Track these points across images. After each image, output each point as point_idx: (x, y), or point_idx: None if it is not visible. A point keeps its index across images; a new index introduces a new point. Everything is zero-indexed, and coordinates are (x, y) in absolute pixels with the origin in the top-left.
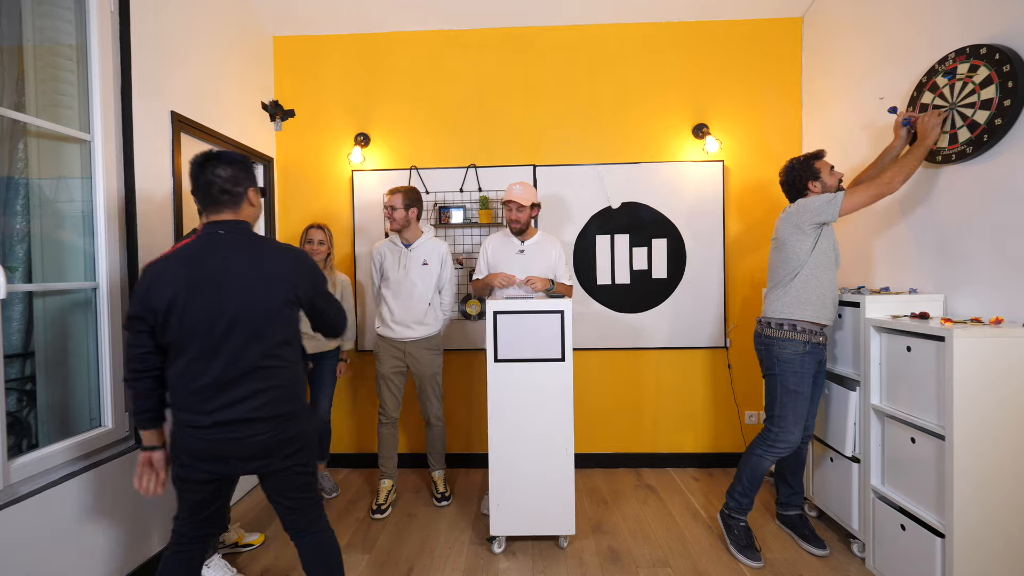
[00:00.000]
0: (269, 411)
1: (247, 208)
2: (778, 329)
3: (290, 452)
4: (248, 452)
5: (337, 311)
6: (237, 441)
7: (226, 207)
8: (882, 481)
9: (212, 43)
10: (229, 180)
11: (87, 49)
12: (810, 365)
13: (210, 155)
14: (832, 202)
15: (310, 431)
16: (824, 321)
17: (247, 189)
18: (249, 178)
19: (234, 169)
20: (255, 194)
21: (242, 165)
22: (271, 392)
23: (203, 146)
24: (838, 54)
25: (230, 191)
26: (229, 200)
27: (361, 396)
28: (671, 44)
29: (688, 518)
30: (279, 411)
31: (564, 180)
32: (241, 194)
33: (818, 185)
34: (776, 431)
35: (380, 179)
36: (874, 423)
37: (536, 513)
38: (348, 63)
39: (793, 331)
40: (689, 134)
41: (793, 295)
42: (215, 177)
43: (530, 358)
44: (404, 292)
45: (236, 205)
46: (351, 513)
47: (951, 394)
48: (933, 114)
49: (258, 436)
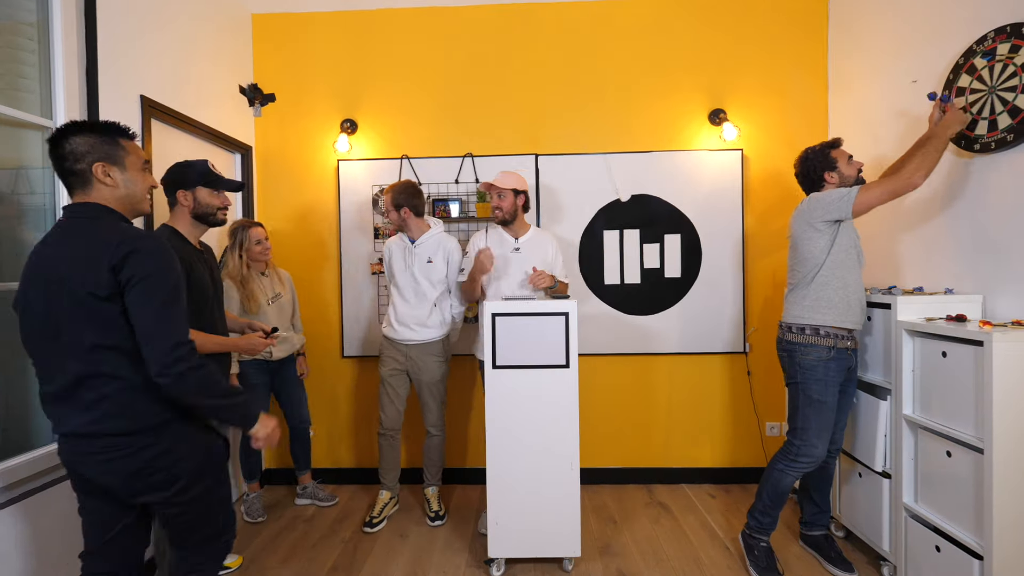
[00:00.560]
0: (110, 427)
1: (100, 188)
2: (800, 334)
3: (157, 485)
4: (99, 472)
5: (161, 319)
6: (89, 456)
7: (75, 189)
8: (915, 498)
9: (185, 20)
10: (69, 157)
11: (49, 27)
12: (836, 373)
13: (62, 128)
14: (845, 198)
15: (188, 462)
16: (850, 325)
17: (91, 165)
18: (95, 151)
19: (78, 142)
20: (104, 169)
21: (90, 134)
22: (103, 405)
23: (175, 133)
24: (867, 32)
25: (71, 170)
26: (75, 181)
27: (357, 405)
28: (685, 22)
29: (704, 538)
30: (117, 428)
31: (568, 170)
32: (84, 172)
33: (835, 176)
34: (799, 444)
35: (368, 169)
36: (906, 435)
37: (538, 533)
38: (333, 43)
39: (816, 336)
40: (705, 120)
41: (813, 298)
42: (57, 157)
43: (532, 364)
44: (408, 291)
45: (83, 185)
46: (338, 532)
47: (990, 404)
48: (959, 112)
49: (101, 455)
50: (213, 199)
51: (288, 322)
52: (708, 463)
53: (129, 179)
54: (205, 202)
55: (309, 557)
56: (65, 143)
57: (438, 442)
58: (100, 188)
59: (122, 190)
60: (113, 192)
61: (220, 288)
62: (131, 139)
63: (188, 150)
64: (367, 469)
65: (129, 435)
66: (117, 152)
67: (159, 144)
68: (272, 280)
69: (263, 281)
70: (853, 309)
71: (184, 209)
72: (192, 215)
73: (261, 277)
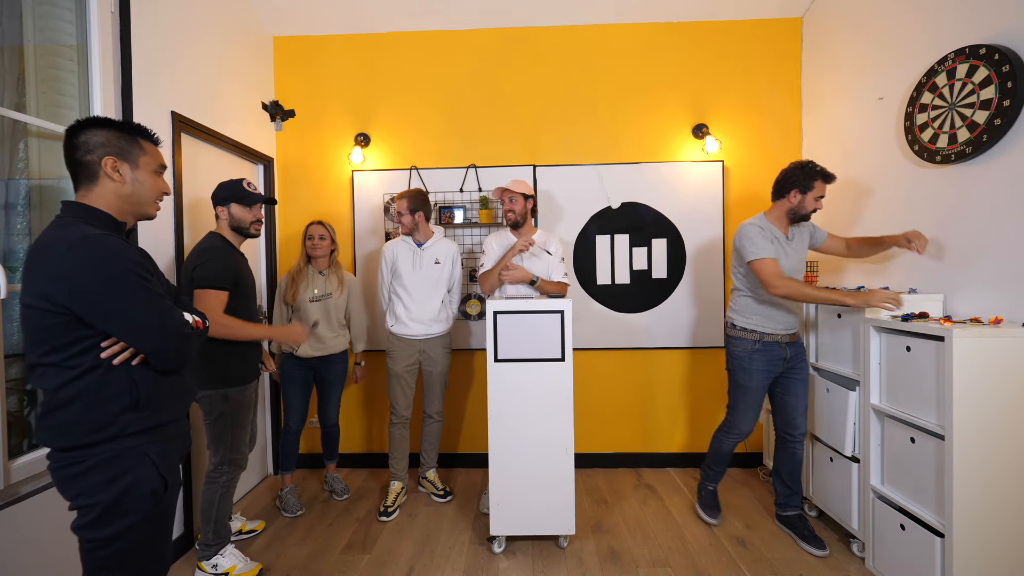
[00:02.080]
0: (56, 439)
1: (104, 183)
2: (732, 329)
3: (74, 505)
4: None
5: (140, 328)
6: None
7: (80, 182)
8: (882, 481)
9: (212, 43)
10: (82, 147)
11: (87, 49)
12: (761, 363)
13: (83, 120)
14: (752, 259)
15: (109, 490)
16: (769, 331)
17: (101, 157)
18: (109, 145)
19: (95, 134)
20: (113, 164)
21: (111, 129)
22: (48, 417)
23: (204, 146)
24: (837, 53)
25: (80, 160)
26: (81, 172)
27: (369, 396)
28: (671, 44)
29: (688, 518)
30: (58, 441)
31: (564, 180)
32: (92, 164)
33: (798, 199)
34: (730, 420)
35: (380, 179)
36: (874, 423)
37: (536, 513)
38: (348, 63)
39: (743, 331)
40: (689, 134)
41: (740, 304)
42: (71, 146)
43: (530, 358)
44: (421, 290)
45: (89, 179)
46: (351, 512)
47: (951, 394)
48: (895, 296)
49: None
50: (245, 214)
51: (334, 323)
52: (692, 448)
53: (138, 179)
54: (238, 216)
55: (326, 536)
56: (81, 134)
57: (439, 427)
58: (105, 183)
59: (128, 188)
60: (118, 189)
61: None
62: (153, 142)
63: (215, 162)
64: (376, 454)
65: (63, 451)
66: (133, 150)
67: (188, 156)
68: (328, 280)
69: (316, 279)
70: (774, 319)
71: (224, 222)
72: (230, 227)
73: (316, 275)
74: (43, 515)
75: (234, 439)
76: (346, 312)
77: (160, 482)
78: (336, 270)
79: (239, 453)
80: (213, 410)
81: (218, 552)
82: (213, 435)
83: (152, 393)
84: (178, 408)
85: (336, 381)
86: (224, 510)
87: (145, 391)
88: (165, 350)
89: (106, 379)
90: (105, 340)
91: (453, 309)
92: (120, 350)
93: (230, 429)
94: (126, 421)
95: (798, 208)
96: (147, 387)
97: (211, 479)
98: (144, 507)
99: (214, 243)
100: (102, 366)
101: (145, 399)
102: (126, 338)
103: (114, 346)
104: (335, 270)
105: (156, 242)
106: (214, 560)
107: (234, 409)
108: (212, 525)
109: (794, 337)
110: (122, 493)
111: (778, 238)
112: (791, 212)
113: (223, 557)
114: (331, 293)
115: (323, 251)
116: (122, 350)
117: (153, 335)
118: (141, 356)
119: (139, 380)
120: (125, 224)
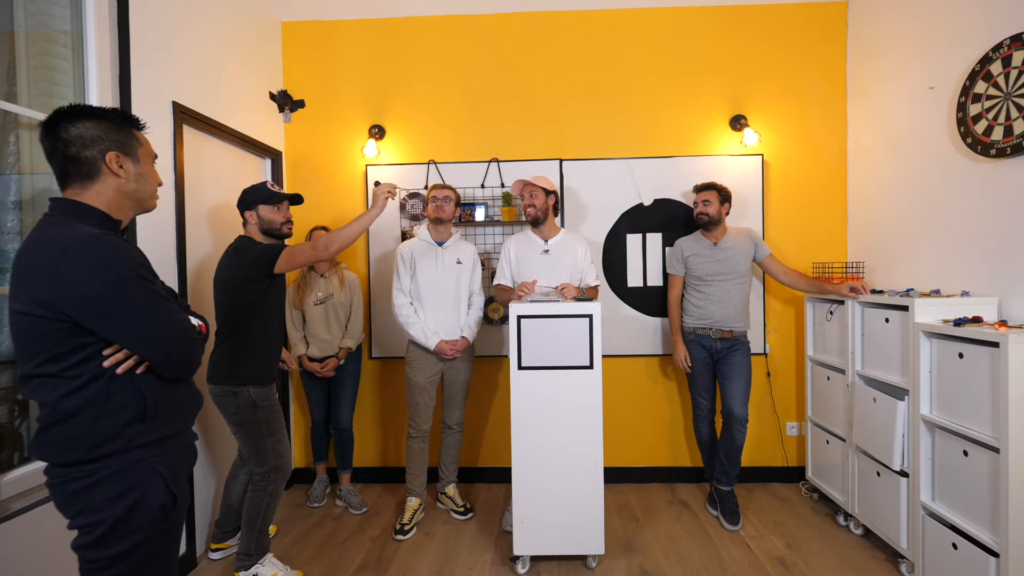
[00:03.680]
0: (59, 454)
1: (107, 180)
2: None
3: (75, 524)
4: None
5: (143, 333)
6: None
7: (74, 180)
8: (932, 497)
9: (216, 29)
10: (77, 141)
11: (83, 35)
12: (696, 351)
13: (66, 109)
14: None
15: (113, 507)
16: (695, 326)
17: (103, 153)
18: (108, 139)
19: (88, 126)
20: (118, 160)
21: (101, 119)
22: (49, 431)
23: (207, 139)
24: (885, 37)
25: (77, 156)
26: (77, 169)
27: (384, 405)
28: (706, 30)
29: (725, 536)
30: (62, 456)
31: (592, 175)
32: (93, 160)
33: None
34: (693, 398)
35: (396, 174)
36: (924, 435)
37: (563, 531)
38: (361, 50)
39: (686, 326)
40: (726, 126)
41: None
42: (60, 140)
43: (556, 365)
44: (442, 295)
45: (87, 177)
46: (366, 530)
47: (1006, 404)
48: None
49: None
50: (275, 215)
51: (337, 324)
52: None
53: (141, 173)
54: (267, 218)
55: (338, 555)
56: (71, 126)
57: (459, 439)
58: (107, 180)
59: (132, 184)
60: (122, 186)
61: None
62: (141, 131)
63: (219, 156)
64: (392, 468)
65: (66, 466)
66: (131, 142)
67: (191, 150)
68: (329, 282)
69: (318, 282)
70: (695, 317)
71: (253, 226)
72: (261, 231)
73: (318, 278)
74: (36, 533)
75: (276, 444)
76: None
77: (169, 497)
78: (337, 270)
79: (283, 459)
80: (244, 422)
81: (258, 562)
82: (254, 447)
83: (159, 403)
84: (185, 418)
85: (346, 381)
86: (269, 518)
87: (152, 401)
88: (174, 357)
89: (111, 389)
90: (107, 348)
91: (477, 315)
92: (124, 358)
93: (267, 437)
94: (133, 433)
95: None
96: (154, 396)
97: (258, 488)
98: (152, 524)
99: (248, 241)
100: (106, 375)
101: (152, 409)
102: (131, 345)
103: (117, 354)
104: (336, 271)
105: (156, 241)
106: (254, 570)
107: (266, 416)
108: (256, 535)
109: (730, 332)
110: (129, 509)
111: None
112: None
113: (263, 566)
114: (333, 294)
115: None
116: (126, 358)
117: (161, 341)
118: (146, 364)
119: (145, 389)
120: (120, 222)
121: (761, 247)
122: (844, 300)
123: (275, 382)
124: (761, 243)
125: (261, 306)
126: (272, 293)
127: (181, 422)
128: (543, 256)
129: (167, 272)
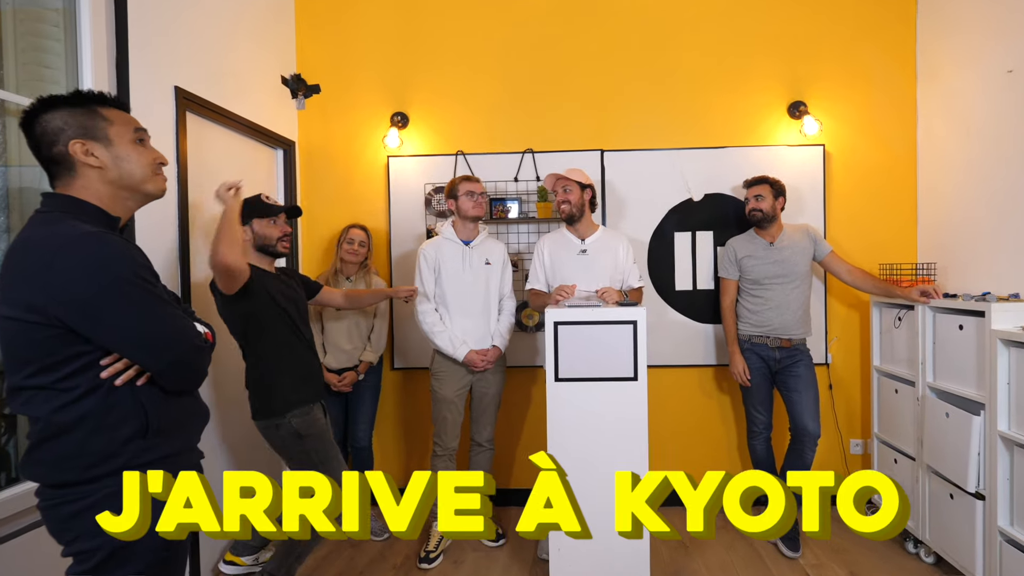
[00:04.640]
0: (52, 474)
1: (85, 172)
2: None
3: (70, 550)
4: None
5: (144, 340)
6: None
7: (60, 178)
8: (1011, 521)
9: (224, 6)
10: (43, 139)
11: (75, 13)
12: (752, 361)
13: (32, 106)
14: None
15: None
16: (751, 334)
17: (67, 144)
18: (69, 127)
19: (50, 118)
20: (83, 147)
21: (64, 107)
22: (41, 448)
23: (212, 127)
24: (960, 16)
25: (48, 155)
26: (57, 168)
27: (407, 421)
28: (763, 7)
29: (783, 565)
30: (55, 476)
31: (637, 167)
32: (62, 154)
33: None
34: (748, 413)
35: (420, 166)
36: (1001, 453)
37: (604, 559)
38: (382, 28)
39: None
40: (784, 113)
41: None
42: (32, 143)
43: (597, 377)
44: (470, 298)
45: (69, 172)
46: (388, 558)
47: None
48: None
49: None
50: (271, 229)
51: (358, 334)
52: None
53: (118, 155)
54: (262, 233)
55: None
56: (37, 123)
57: (490, 457)
58: (85, 172)
59: (112, 171)
60: (103, 175)
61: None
62: (115, 107)
63: (226, 146)
64: None
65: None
66: (96, 123)
67: (195, 139)
68: (355, 287)
69: (344, 286)
70: (748, 323)
71: (247, 243)
72: (255, 248)
73: (343, 281)
74: (28, 560)
75: (330, 472)
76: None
77: None
78: (365, 275)
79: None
80: (293, 456)
81: None
82: None
83: (162, 417)
84: (191, 434)
85: (365, 395)
86: (310, 549)
87: (155, 415)
88: (178, 366)
89: (110, 401)
90: (105, 357)
91: (509, 321)
92: (124, 368)
93: (319, 465)
94: (134, 450)
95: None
96: (156, 410)
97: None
98: (155, 550)
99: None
100: (104, 386)
101: (155, 424)
102: (131, 354)
103: (116, 364)
104: (364, 275)
105: (157, 240)
106: None
107: (313, 445)
108: (292, 561)
109: (789, 341)
110: None
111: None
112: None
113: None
114: None
115: (359, 258)
116: (126, 368)
117: (165, 350)
118: (147, 375)
119: (147, 402)
120: (119, 220)
121: (821, 244)
122: (914, 305)
123: (318, 400)
124: (821, 239)
125: (267, 325)
126: (269, 310)
127: (186, 439)
128: (580, 256)
129: (169, 274)
